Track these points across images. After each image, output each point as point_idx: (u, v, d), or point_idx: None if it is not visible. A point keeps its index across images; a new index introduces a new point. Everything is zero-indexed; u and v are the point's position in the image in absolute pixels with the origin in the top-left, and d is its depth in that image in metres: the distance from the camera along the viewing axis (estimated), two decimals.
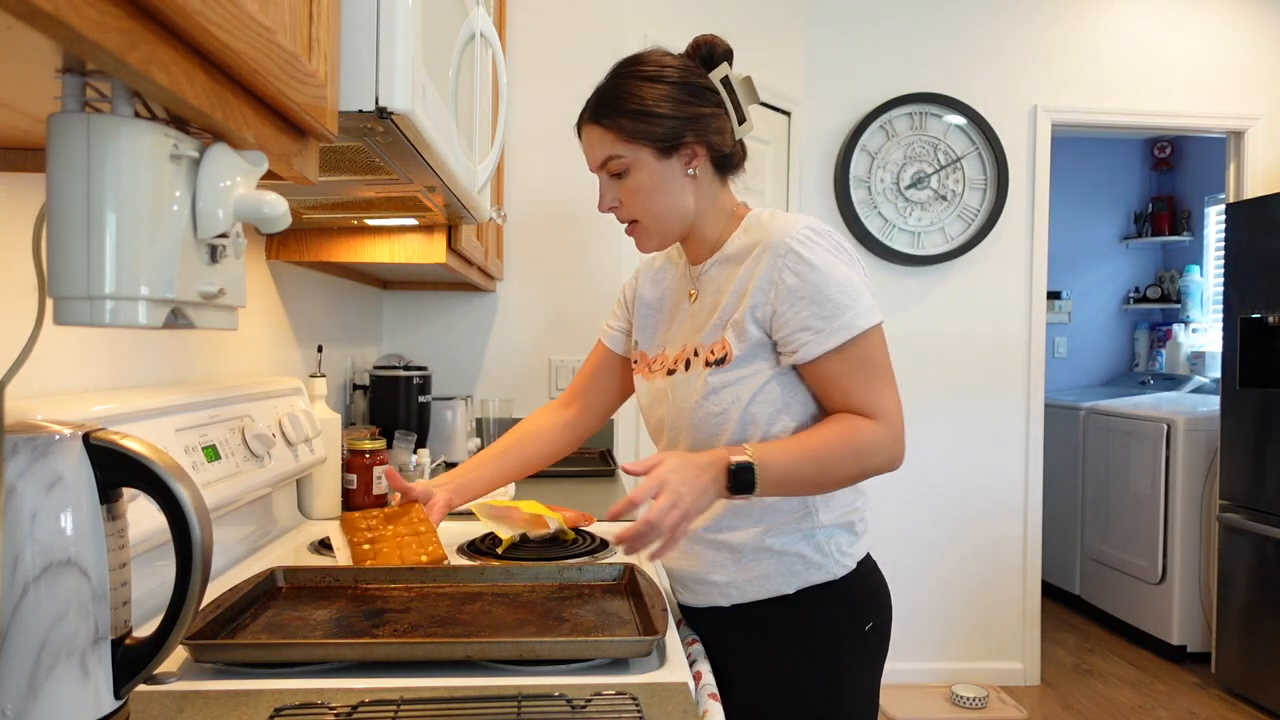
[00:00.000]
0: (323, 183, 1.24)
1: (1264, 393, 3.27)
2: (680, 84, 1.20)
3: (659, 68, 1.21)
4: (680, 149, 1.21)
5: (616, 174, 1.23)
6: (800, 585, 1.20)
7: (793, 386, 1.19)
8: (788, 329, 1.15)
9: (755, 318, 1.17)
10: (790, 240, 1.16)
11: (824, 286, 1.14)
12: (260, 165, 0.68)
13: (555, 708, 0.81)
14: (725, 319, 1.20)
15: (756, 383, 1.18)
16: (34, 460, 0.65)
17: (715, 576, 1.23)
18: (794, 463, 1.12)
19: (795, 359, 1.16)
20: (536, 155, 2.74)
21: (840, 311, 1.13)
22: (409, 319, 2.77)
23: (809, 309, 1.14)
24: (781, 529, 1.20)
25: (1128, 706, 3.34)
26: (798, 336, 1.14)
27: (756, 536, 1.20)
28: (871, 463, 1.15)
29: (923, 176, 3.47)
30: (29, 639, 0.64)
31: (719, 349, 1.20)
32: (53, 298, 0.58)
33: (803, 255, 1.15)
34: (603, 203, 1.26)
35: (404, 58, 0.86)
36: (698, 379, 1.21)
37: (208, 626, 0.96)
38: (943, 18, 3.49)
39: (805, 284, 1.14)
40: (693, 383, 1.22)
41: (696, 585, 1.26)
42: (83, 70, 0.57)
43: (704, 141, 1.21)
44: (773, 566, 1.21)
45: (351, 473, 1.77)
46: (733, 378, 1.19)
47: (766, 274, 1.16)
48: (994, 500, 3.53)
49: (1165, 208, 5.14)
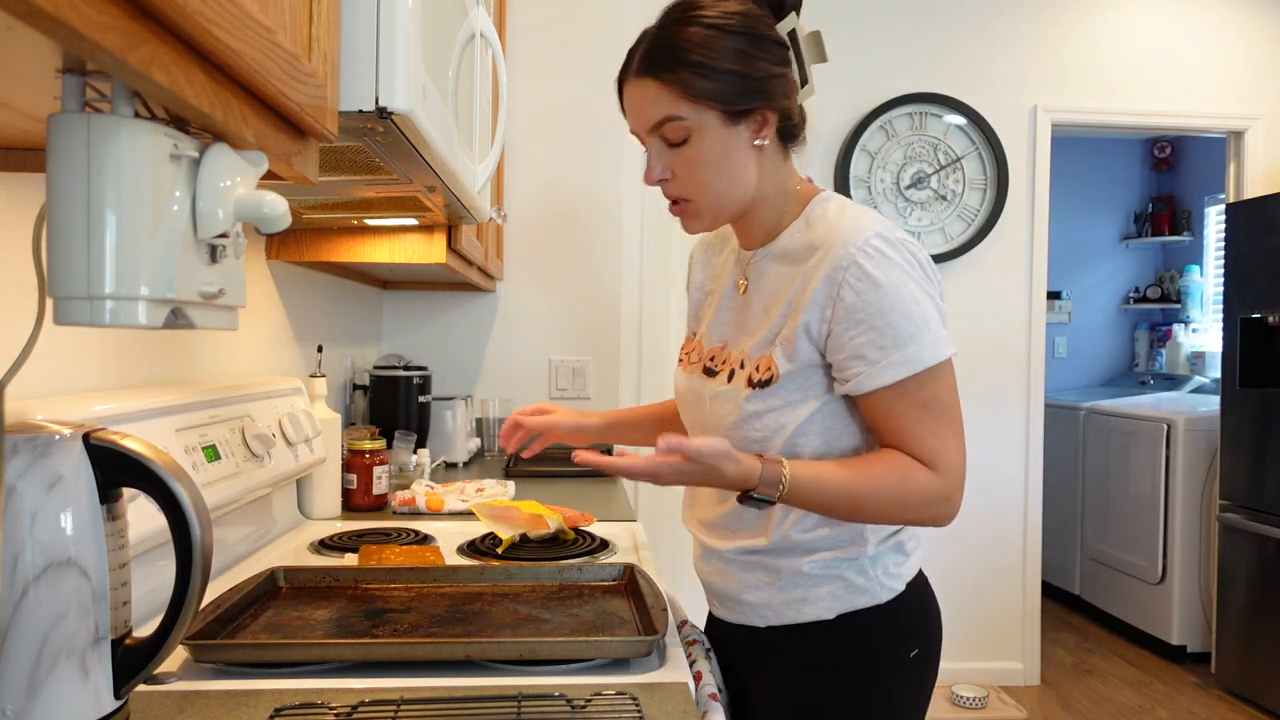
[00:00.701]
0: (323, 183, 1.24)
1: (1264, 393, 3.27)
2: (748, 35, 1.02)
3: (724, 15, 1.02)
4: (750, 114, 1.04)
5: (673, 141, 1.04)
6: (841, 610, 1.09)
7: (844, 416, 1.07)
8: (841, 354, 1.01)
9: (810, 336, 1.03)
10: (855, 250, 1.00)
11: (887, 310, 0.99)
12: (260, 165, 0.68)
13: (555, 708, 0.81)
14: (775, 333, 1.07)
15: (803, 412, 1.05)
16: (34, 460, 0.65)
17: (748, 597, 1.13)
18: (824, 503, 1.02)
19: (847, 389, 1.03)
20: (536, 155, 2.74)
21: (902, 342, 0.99)
22: (409, 319, 2.77)
23: (866, 335, 0.99)
24: (824, 556, 1.09)
25: (1128, 706, 3.34)
26: (851, 365, 1.01)
27: (796, 561, 1.10)
28: (915, 516, 1.04)
29: (923, 176, 3.47)
30: (29, 639, 0.64)
31: (764, 368, 1.06)
32: (53, 298, 0.58)
33: (867, 270, 0.99)
34: (651, 174, 1.07)
35: (404, 58, 0.86)
36: (735, 397, 1.09)
37: (208, 626, 0.96)
38: (943, 18, 3.49)
39: (865, 305, 0.99)
40: (730, 400, 1.09)
41: (729, 602, 1.17)
42: (83, 70, 0.57)
43: (775, 107, 1.04)
44: (812, 590, 1.09)
45: (351, 473, 1.77)
46: (778, 402, 1.06)
47: (824, 287, 1.01)
48: (994, 500, 3.53)
49: (1165, 208, 5.14)
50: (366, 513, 1.76)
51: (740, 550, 1.13)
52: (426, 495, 1.76)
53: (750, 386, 1.07)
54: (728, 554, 1.15)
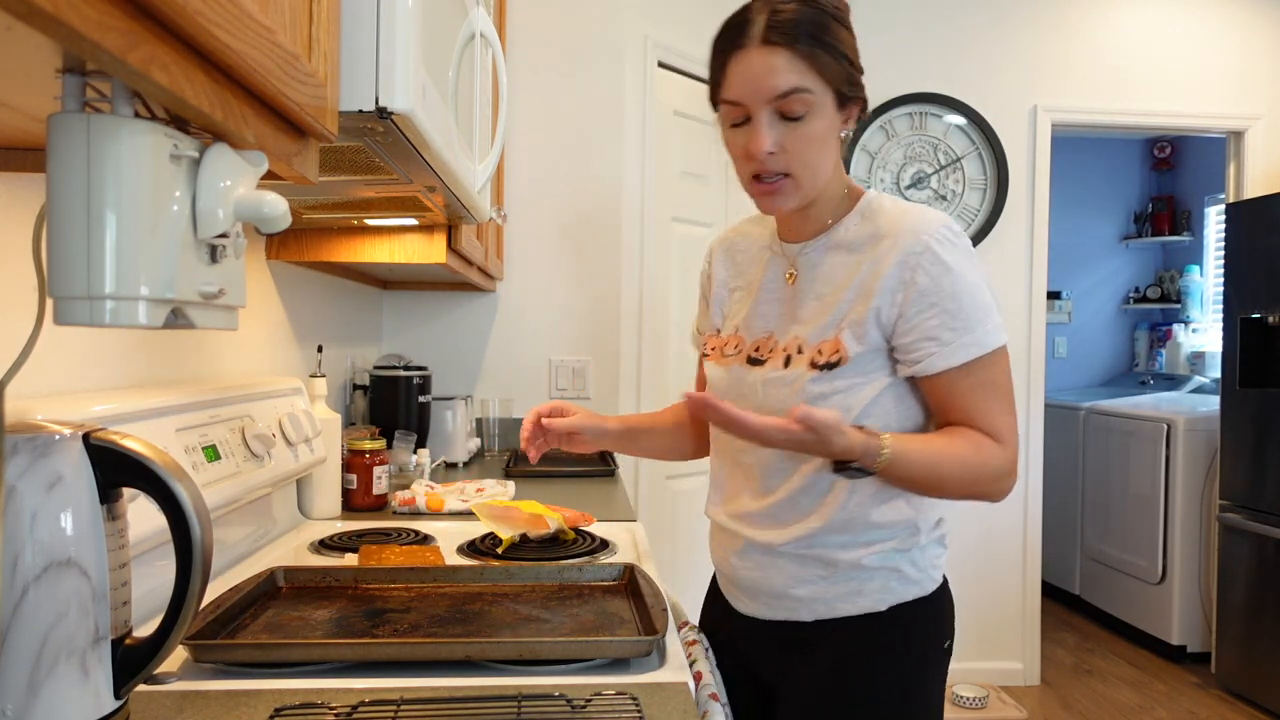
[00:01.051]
0: (323, 183, 1.24)
1: (1264, 393, 3.27)
2: (852, 32, 1.07)
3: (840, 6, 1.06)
4: (850, 104, 1.07)
5: (792, 115, 1.03)
6: (893, 602, 1.11)
7: (905, 399, 1.09)
8: (912, 336, 1.05)
9: (880, 320, 1.06)
10: (928, 238, 1.05)
11: (959, 295, 1.04)
12: (260, 165, 0.68)
13: (555, 708, 0.81)
14: (840, 317, 1.09)
15: (869, 393, 1.07)
16: (34, 460, 0.65)
17: (799, 591, 1.13)
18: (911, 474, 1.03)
19: (915, 370, 1.06)
20: (536, 155, 2.74)
21: (971, 326, 1.04)
22: (409, 319, 2.77)
23: (939, 318, 1.04)
24: (883, 547, 1.10)
25: (1128, 706, 3.34)
26: (923, 346, 1.05)
27: (856, 553, 1.10)
28: (985, 489, 1.07)
29: (923, 177, 3.47)
30: (29, 639, 0.64)
31: (830, 350, 1.08)
32: (53, 298, 0.58)
33: (940, 256, 1.04)
34: (764, 142, 1.04)
35: (404, 58, 0.86)
36: (797, 381, 1.09)
37: (208, 626, 0.96)
38: (943, 18, 3.49)
39: (939, 289, 1.03)
40: (789, 384, 1.10)
41: (771, 598, 1.15)
42: (83, 70, 0.57)
43: (862, 102, 1.09)
44: (866, 583, 1.11)
45: (351, 473, 1.77)
46: (844, 384, 1.07)
47: (896, 272, 1.05)
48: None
49: (1165, 208, 5.14)
50: (366, 513, 1.76)
51: (796, 542, 1.12)
52: (426, 495, 1.76)
53: (815, 369, 1.08)
54: (780, 547, 1.13)
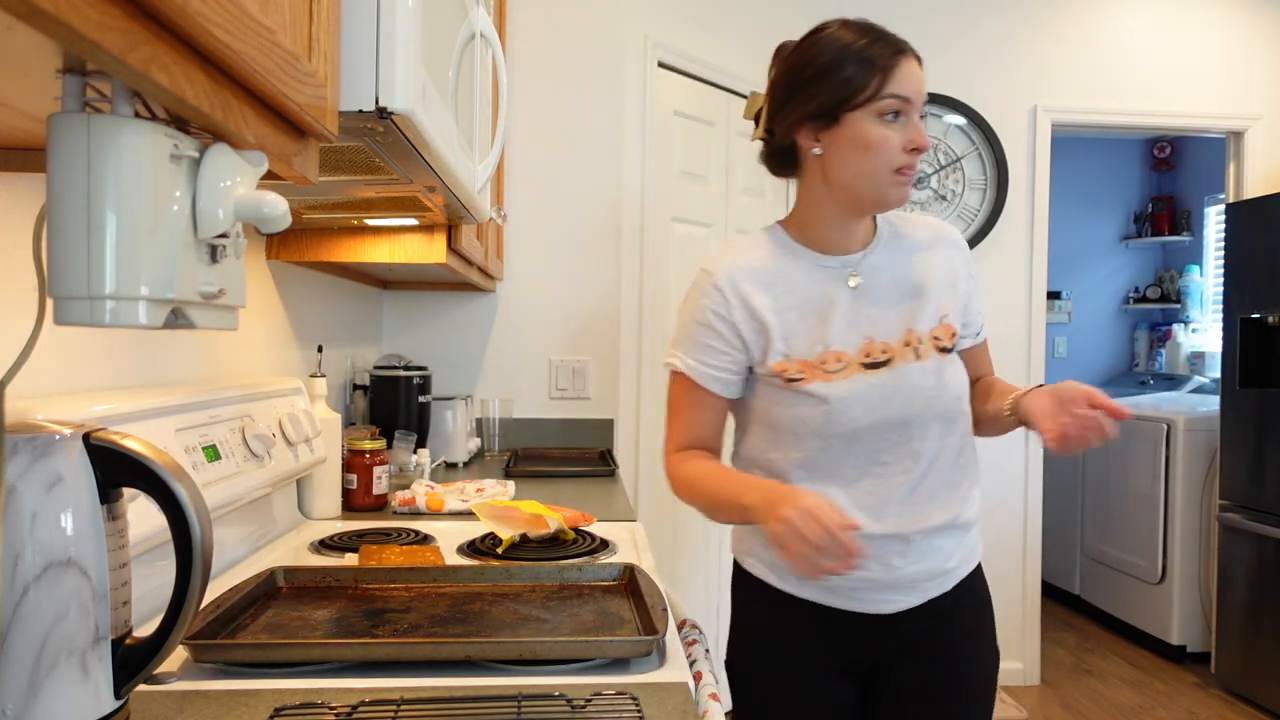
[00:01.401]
0: (323, 183, 1.24)
1: (1264, 393, 3.27)
2: None
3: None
4: None
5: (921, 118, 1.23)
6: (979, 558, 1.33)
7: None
8: (973, 314, 1.31)
9: (964, 305, 1.29)
10: (958, 238, 1.33)
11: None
12: (260, 165, 0.68)
13: (555, 708, 0.81)
14: (938, 304, 1.26)
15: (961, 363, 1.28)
16: (34, 460, 0.65)
17: (950, 564, 1.26)
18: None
19: (975, 341, 1.33)
20: (536, 155, 2.74)
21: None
22: (409, 319, 2.77)
23: (980, 298, 1.34)
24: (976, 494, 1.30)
25: (1128, 706, 3.34)
26: (978, 321, 1.33)
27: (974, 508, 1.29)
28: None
29: (922, 176, 3.47)
30: (29, 639, 0.64)
31: (947, 335, 1.25)
32: (53, 298, 0.58)
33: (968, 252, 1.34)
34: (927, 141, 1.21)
35: (404, 58, 0.86)
36: (936, 368, 1.23)
37: (208, 626, 0.96)
38: (942, 17, 3.49)
39: (976, 277, 1.33)
40: (930, 373, 1.22)
41: (932, 581, 1.25)
42: (83, 70, 0.57)
43: None
44: (976, 537, 1.31)
45: (351, 473, 1.77)
46: (955, 361, 1.26)
47: (963, 265, 1.30)
48: (994, 500, 3.53)
49: (1165, 208, 5.14)
50: (366, 513, 1.76)
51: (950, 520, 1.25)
52: (426, 495, 1.76)
53: (944, 353, 1.25)
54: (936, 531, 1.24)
